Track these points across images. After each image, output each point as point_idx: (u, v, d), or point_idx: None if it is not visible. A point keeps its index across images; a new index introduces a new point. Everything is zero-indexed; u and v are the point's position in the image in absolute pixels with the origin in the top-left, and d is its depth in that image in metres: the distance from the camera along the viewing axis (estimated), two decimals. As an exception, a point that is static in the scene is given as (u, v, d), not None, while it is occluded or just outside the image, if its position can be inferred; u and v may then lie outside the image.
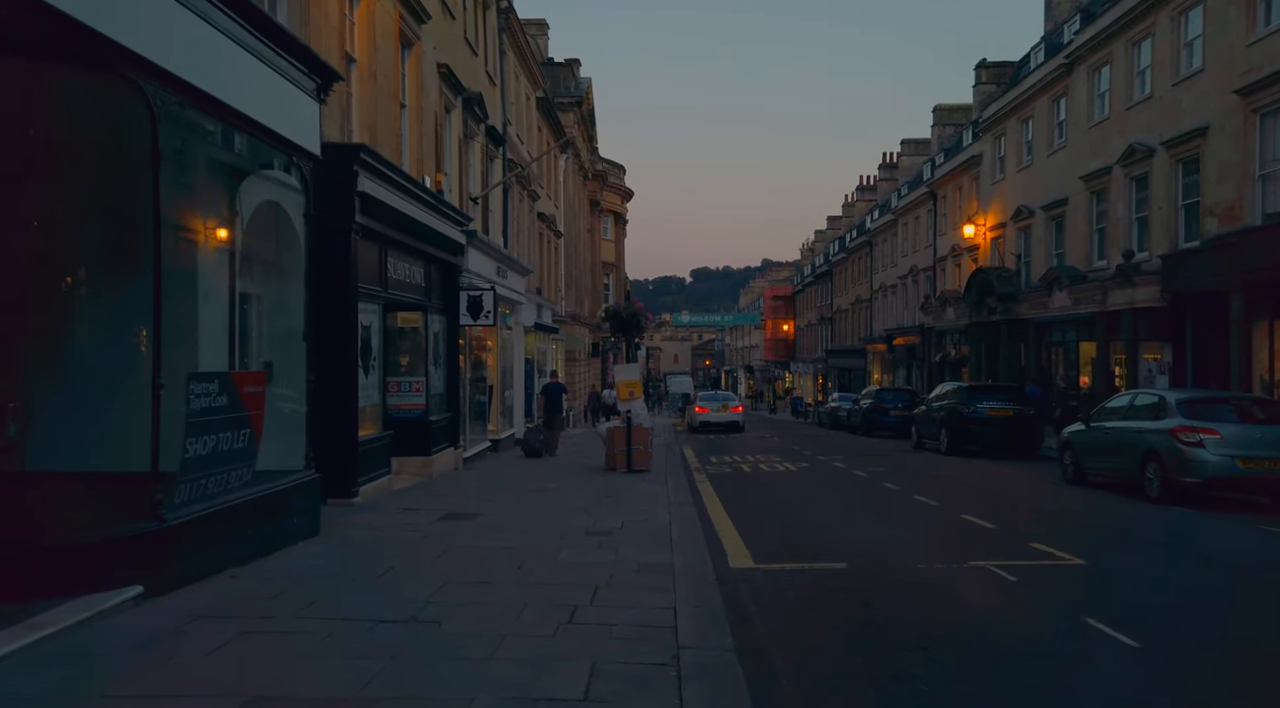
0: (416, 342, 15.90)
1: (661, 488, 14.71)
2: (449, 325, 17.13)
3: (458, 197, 19.00)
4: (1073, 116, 30.26)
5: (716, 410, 36.45)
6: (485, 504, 12.30)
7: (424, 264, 15.55)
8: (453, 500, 12.53)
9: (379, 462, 12.91)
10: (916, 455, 23.30)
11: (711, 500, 13.89)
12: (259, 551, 8.11)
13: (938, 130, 52.04)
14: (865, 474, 17.95)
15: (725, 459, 22.44)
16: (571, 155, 39.84)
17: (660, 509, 12.04)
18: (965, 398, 22.89)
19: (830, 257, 72.10)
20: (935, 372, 43.78)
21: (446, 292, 17.06)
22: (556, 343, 35.17)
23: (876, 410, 32.44)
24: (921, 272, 46.82)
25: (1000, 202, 36.29)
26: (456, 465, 17.27)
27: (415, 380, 15.69)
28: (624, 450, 17.54)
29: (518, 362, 25.35)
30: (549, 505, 12.29)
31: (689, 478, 17.43)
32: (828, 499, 14.42)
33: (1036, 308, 31.69)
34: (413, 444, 15.49)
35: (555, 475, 16.89)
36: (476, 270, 18.00)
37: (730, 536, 10.54)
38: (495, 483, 15.29)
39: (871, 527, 11.42)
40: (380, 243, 13.13)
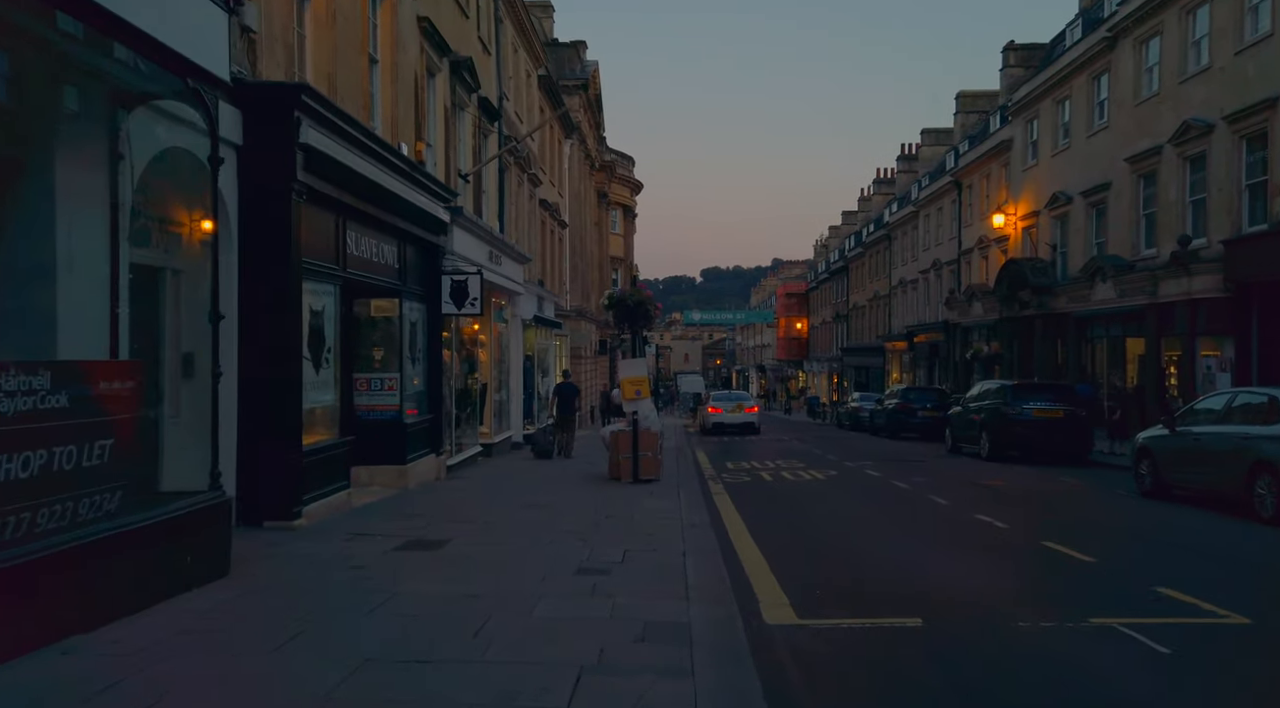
0: (389, 332, 13.76)
1: (672, 503, 12.54)
2: (430, 315, 14.99)
3: (444, 172, 16.86)
4: (1116, 94, 27.94)
5: (731, 411, 34.27)
6: (459, 526, 10.13)
7: (397, 242, 13.40)
8: (421, 521, 10.36)
9: (334, 474, 10.76)
10: (954, 461, 21.05)
11: (732, 519, 11.69)
12: (130, 605, 5.96)
13: (961, 118, 49.74)
14: (905, 485, 15.72)
15: (743, 465, 20.24)
16: (577, 142, 37.69)
17: (671, 532, 9.86)
18: (1009, 398, 20.62)
19: (846, 252, 69.79)
20: (961, 370, 41.50)
21: (427, 276, 14.91)
22: (560, 339, 33.01)
23: (903, 411, 30.16)
24: (945, 265, 44.54)
25: (1033, 189, 33.98)
26: (439, 475, 15.12)
27: (388, 377, 13.55)
28: (630, 457, 15.37)
29: (515, 358, 23.20)
30: (537, 528, 10.11)
31: (703, 488, 15.24)
32: (870, 518, 12.20)
33: (1076, 301, 29.39)
34: (384, 451, 13.36)
35: (550, 486, 14.73)
36: (463, 253, 15.85)
37: (760, 572, 8.33)
38: (479, 497, 13.12)
39: (937, 559, 9.19)
40: (338, 212, 10.99)
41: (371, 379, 13.51)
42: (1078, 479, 16.99)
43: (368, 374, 13.53)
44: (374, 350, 13.83)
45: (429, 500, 12.41)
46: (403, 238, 13.59)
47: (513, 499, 12.82)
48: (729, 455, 23.43)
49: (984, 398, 22.10)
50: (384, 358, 13.71)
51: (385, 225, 12.76)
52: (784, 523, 11.55)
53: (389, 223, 12.86)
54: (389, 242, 13.03)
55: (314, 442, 10.25)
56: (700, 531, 10.13)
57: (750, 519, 11.62)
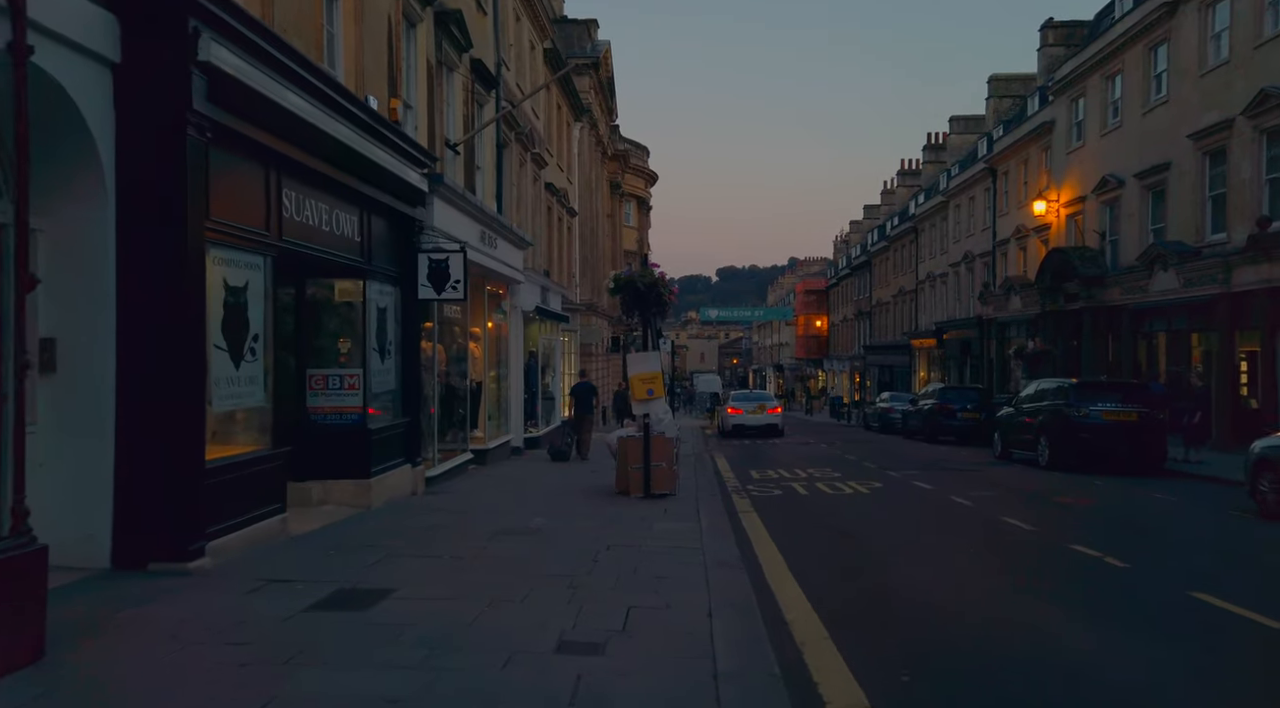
0: (350, 320, 11.47)
1: (691, 526, 10.20)
2: (405, 300, 12.69)
3: (427, 138, 14.56)
4: (1177, 65, 25.37)
5: (752, 412, 31.87)
6: (415, 565, 7.80)
7: (359, 212, 11.09)
8: (369, 558, 8.04)
9: (262, 495, 8.46)
10: (1010, 471, 18.59)
11: (767, 552, 9.31)
12: None
13: (993, 103, 47.10)
14: (968, 502, 13.29)
15: (770, 474, 17.87)
16: (587, 126, 35.36)
17: (690, 574, 7.53)
18: (1073, 398, 18.14)
19: (868, 247, 67.19)
20: (997, 368, 38.98)
21: (400, 254, 12.62)
22: (568, 334, 30.69)
23: (941, 412, 27.65)
24: (978, 258, 41.98)
25: (1078, 173, 31.42)
26: (416, 489, 12.82)
27: (348, 374, 11.26)
28: (641, 468, 13.04)
29: (515, 354, 20.89)
30: (516, 567, 7.77)
31: (727, 505, 12.88)
32: (945, 553, 9.75)
33: (1131, 293, 26.82)
34: (344, 463, 11.08)
35: (547, 503, 12.40)
36: (446, 230, 13.54)
37: (822, 651, 5.90)
38: (457, 518, 10.78)
39: (1058, 620, 6.77)
40: (271, 166, 8.69)
41: (329, 376, 11.22)
42: (1166, 494, 14.51)
43: (324, 370, 11.24)
44: (336, 342, 11.55)
45: (392, 525, 10.09)
46: (367, 206, 11.29)
47: (497, 521, 10.48)
48: (753, 461, 21.06)
49: (1041, 399, 19.62)
50: (347, 351, 11.42)
51: (342, 189, 10.46)
52: (835, 559, 9.15)
53: (348, 187, 10.56)
54: (347, 209, 10.72)
55: (230, 454, 7.95)
56: (729, 572, 7.76)
57: (790, 552, 9.24)
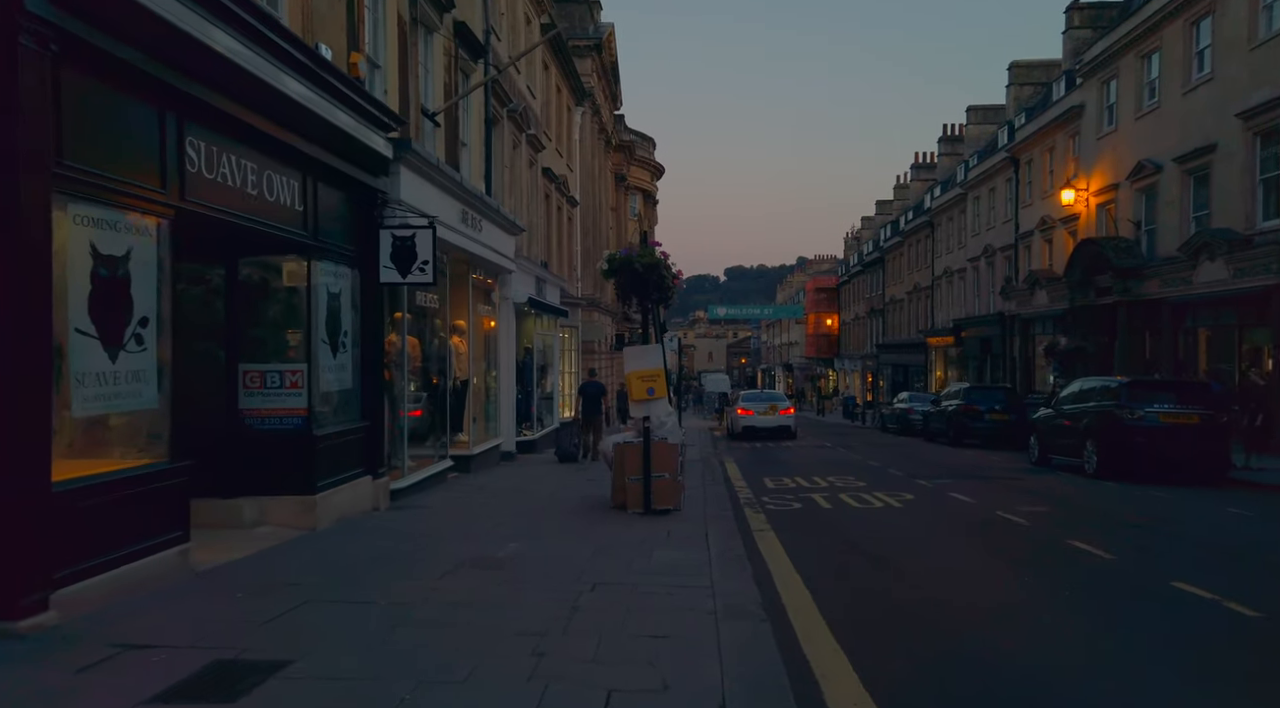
0: (293, 306, 9.66)
1: (698, 554, 8.38)
2: (364, 284, 10.87)
3: (399, 104, 12.75)
4: (1223, 39, 23.43)
5: (763, 413, 30.01)
6: (330, 621, 5.96)
7: (301, 176, 9.27)
8: (277, 604, 6.22)
9: (150, 522, 6.64)
10: (1054, 480, 16.69)
11: (794, 592, 7.44)
12: None
13: (1014, 90, 45.11)
14: (1020, 519, 11.41)
15: (786, 482, 16.02)
16: (589, 111, 33.53)
17: (698, 629, 5.71)
18: (1125, 399, 16.22)
19: (881, 243, 65.25)
20: (1020, 367, 37.08)
21: (358, 230, 10.80)
22: (568, 331, 28.86)
23: (967, 414, 25.73)
24: (999, 251, 40.07)
25: (1110, 159, 29.50)
26: (378, 503, 11.00)
27: (290, 371, 9.45)
28: (640, 480, 11.21)
29: (506, 350, 19.07)
30: (463, 625, 5.90)
31: (740, 524, 11.02)
32: (1010, 589, 7.83)
33: (1172, 285, 24.88)
34: (283, 476, 9.27)
35: (530, 521, 10.57)
36: (416, 205, 11.70)
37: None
38: (415, 544, 8.94)
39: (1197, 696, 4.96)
40: (166, 104, 6.86)
41: (267, 373, 9.41)
42: (1241, 508, 12.60)
43: (261, 366, 9.43)
44: (278, 333, 9.74)
45: (332, 553, 8.27)
46: (313, 171, 9.47)
47: (463, 547, 8.66)
48: (766, 467, 19.21)
49: (1086, 399, 17.72)
50: (283, 342, 9.62)
51: (278, 148, 8.65)
52: (880, 602, 7.27)
53: (287, 146, 8.75)
54: (285, 173, 8.90)
55: (99, 472, 6.13)
56: (747, 625, 5.93)
57: (822, 591, 7.39)
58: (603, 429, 20.12)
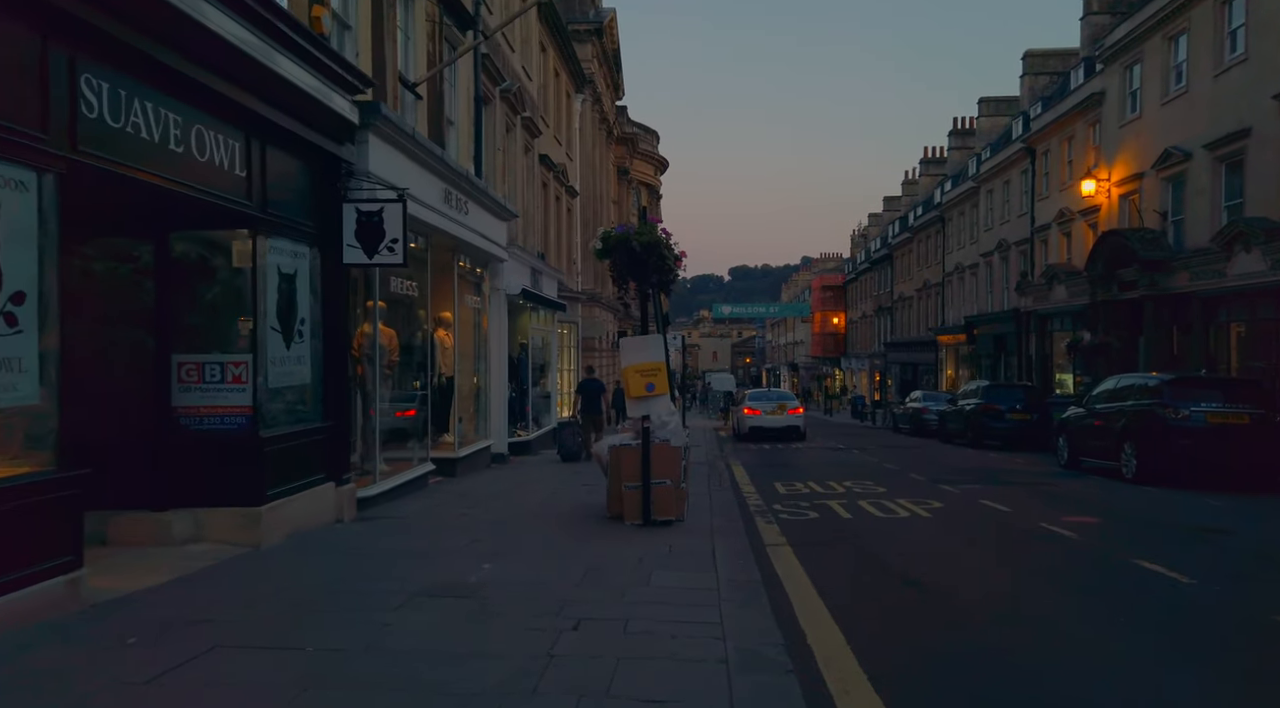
0: (236, 289, 8.38)
1: (704, 579, 7.09)
2: (325, 266, 9.58)
3: (370, 67, 11.46)
4: (1259, 17, 22.04)
5: (770, 413, 28.71)
6: (228, 682, 4.67)
7: (244, 137, 7.99)
8: (160, 659, 4.93)
9: (26, 546, 5.37)
10: (1089, 484, 15.38)
11: (822, 631, 6.13)
12: None
13: (1028, 80, 43.69)
14: (1068, 532, 10.09)
15: (799, 487, 14.73)
16: (590, 99, 32.24)
17: (707, 697, 4.44)
18: (1168, 397, 14.90)
19: (889, 240, 63.87)
20: (1037, 365, 35.73)
21: (319, 205, 9.52)
22: (567, 326, 27.58)
23: (987, 413, 24.40)
24: (1014, 246, 38.73)
25: (1134, 148, 28.13)
26: (343, 514, 9.72)
27: (232, 363, 8.18)
28: (638, 488, 9.92)
29: (497, 344, 17.78)
30: (403, 685, 4.62)
31: (751, 538, 9.73)
32: (1080, 622, 6.57)
33: (1203, 277, 23.53)
34: (223, 484, 8.00)
35: (511, 534, 9.29)
36: (387, 178, 10.39)
37: None
38: (365, 567, 7.60)
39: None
40: (52, 30, 5.60)
41: (205, 365, 8.14)
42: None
43: (198, 357, 8.15)
44: (221, 320, 8.47)
45: (272, 576, 6.99)
46: (257, 131, 8.19)
47: (429, 569, 7.37)
48: (776, 471, 17.92)
49: (1122, 397, 16.40)
50: (226, 331, 8.35)
51: (209, 98, 7.37)
52: (926, 641, 5.99)
53: (220, 96, 7.47)
54: (222, 130, 7.62)
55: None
56: (768, 680, 4.65)
57: (857, 628, 6.09)
58: (603, 428, 19.11)
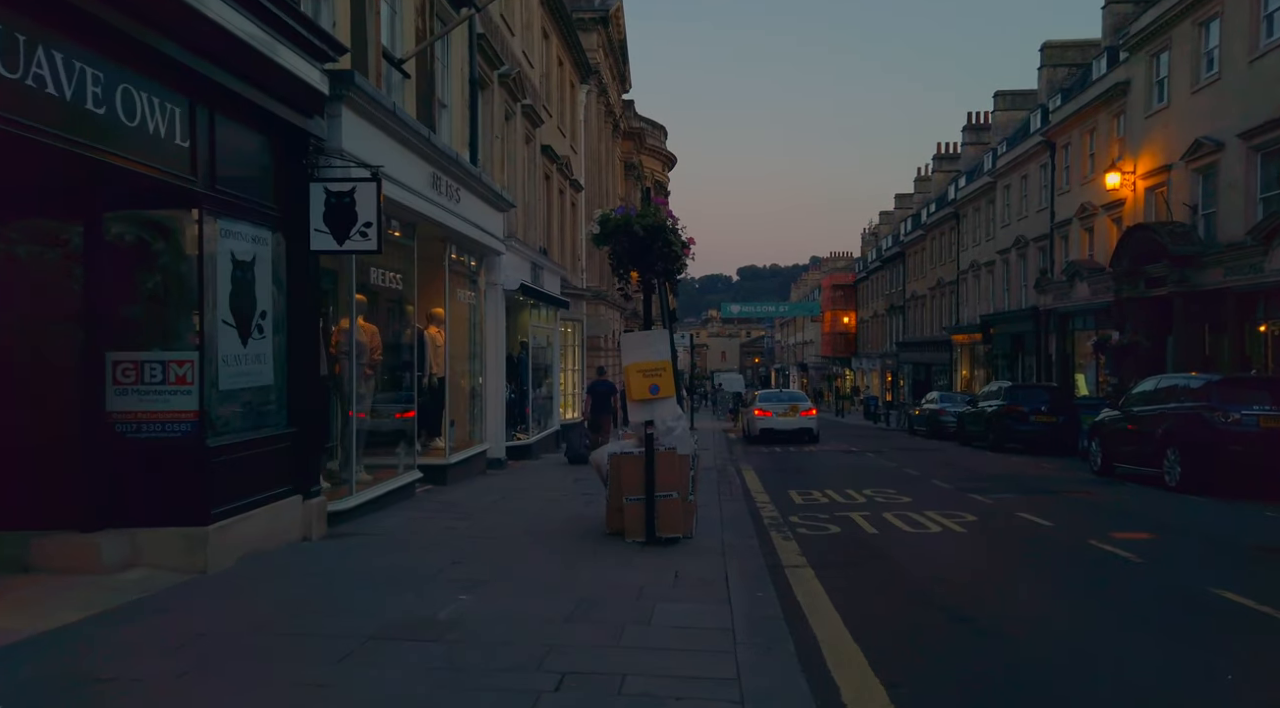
0: (180, 277, 7.34)
1: (716, 614, 6.04)
2: (291, 252, 8.55)
3: (349, 38, 10.44)
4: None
5: (782, 414, 27.65)
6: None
7: (185, 101, 6.95)
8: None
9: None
10: (1129, 493, 14.29)
11: (864, 695, 5.11)
12: None
13: (1046, 72, 42.49)
14: (1126, 552, 8.99)
15: (816, 497, 13.67)
16: (595, 90, 31.21)
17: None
18: (1215, 399, 13.80)
19: (901, 237, 62.66)
20: (1058, 365, 34.57)
21: (283, 184, 8.49)
22: (571, 325, 26.54)
23: (1010, 415, 23.27)
24: (1032, 242, 37.58)
25: (1162, 139, 26.96)
26: (309, 531, 8.68)
27: (175, 362, 7.15)
28: (641, 501, 8.87)
29: (493, 342, 16.74)
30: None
31: (769, 556, 8.67)
32: (1176, 672, 5.55)
33: (1239, 273, 22.36)
34: (162, 500, 6.98)
35: (497, 555, 8.24)
36: (363, 157, 9.34)
37: None
38: (321, 601, 6.58)
39: None
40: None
41: (145, 364, 7.11)
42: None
43: (137, 355, 7.12)
44: (161, 312, 7.43)
45: (202, 616, 5.96)
46: (204, 96, 7.16)
47: (397, 601, 6.34)
48: (790, 477, 16.87)
49: (1162, 399, 15.29)
50: (179, 325, 7.32)
51: (138, 52, 6.33)
52: (989, 699, 4.95)
53: (158, 54, 6.44)
54: (157, 92, 6.59)
55: None
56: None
57: (903, 684, 5.05)
58: (611, 430, 18.13)
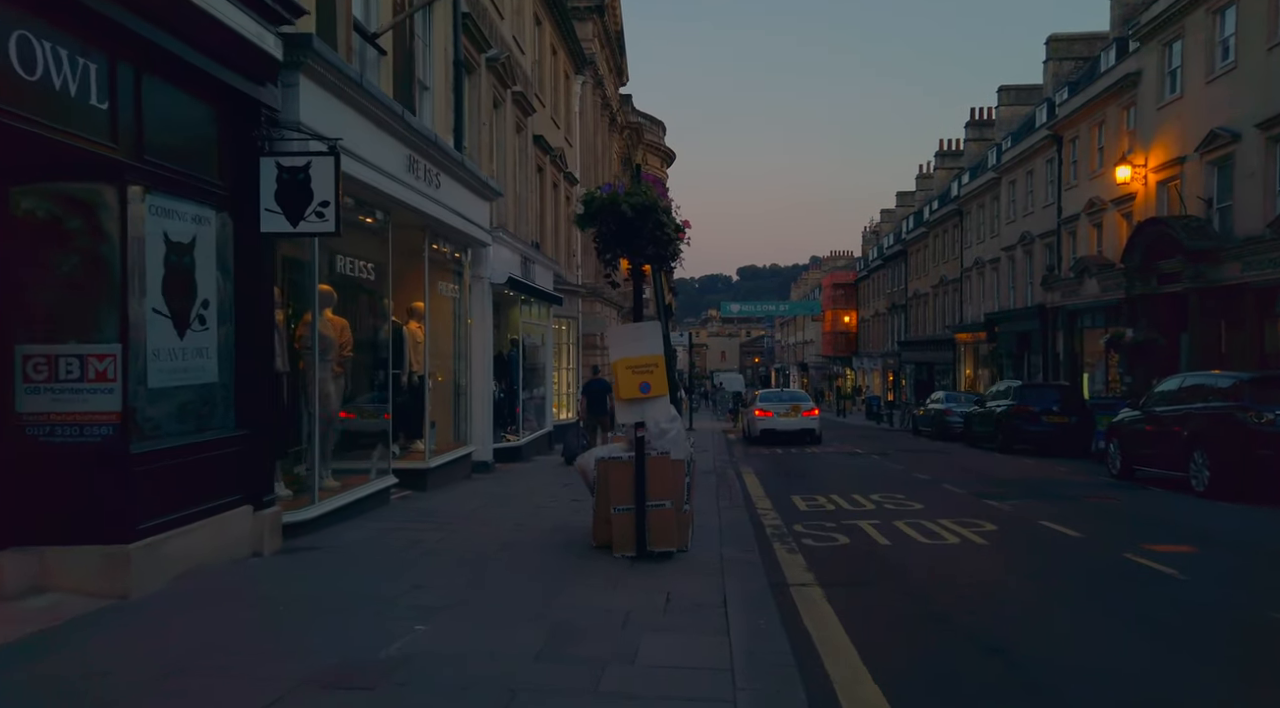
0: (102, 260, 6.44)
1: (712, 649, 5.17)
2: (238, 233, 7.66)
3: (314, 5, 9.54)
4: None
5: (783, 414, 26.78)
6: None
7: (105, 56, 6.06)
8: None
9: None
10: (1153, 499, 13.42)
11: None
12: None
13: (1052, 66, 41.65)
14: (1169, 569, 8.07)
15: (821, 503, 12.79)
16: (591, 82, 30.32)
17: None
18: (1249, 399, 12.89)
19: (903, 235, 61.77)
20: (1065, 363, 33.69)
21: (231, 159, 7.60)
22: (565, 322, 25.65)
23: (1020, 416, 22.36)
24: (1038, 238, 36.70)
25: (1174, 130, 26.08)
26: (260, 546, 7.77)
27: (95, 356, 6.26)
28: (630, 511, 7.99)
29: (480, 338, 15.83)
30: None
31: (772, 572, 7.80)
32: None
33: (1258, 267, 21.47)
34: (78, 514, 6.09)
35: (468, 577, 7.35)
36: (325, 133, 8.46)
37: None
38: (249, 636, 5.71)
39: None
40: None
41: (59, 359, 6.21)
42: None
43: (51, 348, 6.23)
44: (82, 299, 6.54)
45: (99, 656, 5.07)
46: (130, 52, 6.27)
47: (343, 632, 5.46)
48: (793, 481, 15.98)
49: (1188, 398, 14.40)
50: (100, 315, 6.43)
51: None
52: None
53: (70, 0, 5.57)
54: (69, 45, 5.71)
55: None
56: None
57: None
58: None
